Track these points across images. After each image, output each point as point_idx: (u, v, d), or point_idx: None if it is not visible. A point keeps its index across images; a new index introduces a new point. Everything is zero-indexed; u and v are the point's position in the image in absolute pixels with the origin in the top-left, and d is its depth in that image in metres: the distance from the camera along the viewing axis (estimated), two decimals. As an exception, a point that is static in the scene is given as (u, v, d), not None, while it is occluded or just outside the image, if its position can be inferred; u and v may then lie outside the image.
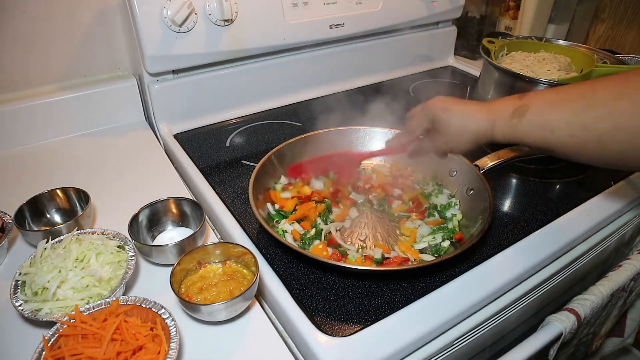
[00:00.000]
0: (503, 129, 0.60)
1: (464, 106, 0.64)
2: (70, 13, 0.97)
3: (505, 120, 0.60)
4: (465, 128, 0.63)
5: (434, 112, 0.66)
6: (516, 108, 0.59)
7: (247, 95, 1.11)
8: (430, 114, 0.67)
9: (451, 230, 0.74)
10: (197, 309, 0.57)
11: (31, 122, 0.98)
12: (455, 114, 0.64)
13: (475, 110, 0.63)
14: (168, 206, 0.74)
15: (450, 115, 0.64)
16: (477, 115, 0.62)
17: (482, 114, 0.62)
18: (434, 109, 0.66)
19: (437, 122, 0.66)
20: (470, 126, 0.63)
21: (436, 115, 0.66)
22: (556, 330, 0.70)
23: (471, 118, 0.63)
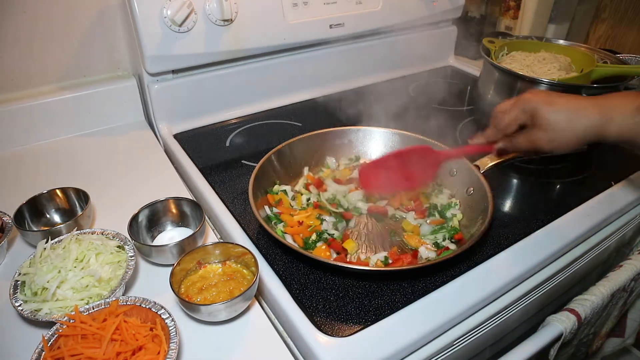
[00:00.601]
0: (622, 125, 0.55)
1: (571, 100, 0.59)
2: (70, 13, 0.97)
3: (627, 117, 0.55)
4: (574, 124, 0.57)
5: (535, 106, 0.60)
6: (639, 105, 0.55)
7: (247, 95, 1.11)
8: (530, 107, 0.61)
9: (452, 229, 0.74)
10: (197, 309, 0.57)
11: (31, 122, 0.98)
12: (561, 108, 0.58)
13: (584, 105, 0.58)
14: (168, 206, 0.74)
15: (556, 109, 0.58)
16: (588, 111, 0.57)
17: (594, 109, 0.57)
18: (534, 102, 0.60)
19: (539, 117, 0.60)
20: (580, 122, 0.57)
21: (538, 109, 0.60)
22: (557, 331, 0.70)
23: (581, 113, 0.57)
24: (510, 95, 0.94)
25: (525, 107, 0.61)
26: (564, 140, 0.59)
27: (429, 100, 1.19)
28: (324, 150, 0.90)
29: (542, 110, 0.59)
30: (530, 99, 0.61)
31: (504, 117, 0.64)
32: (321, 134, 0.89)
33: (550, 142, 0.60)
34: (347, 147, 0.92)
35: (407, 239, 0.73)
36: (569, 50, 1.05)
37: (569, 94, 0.60)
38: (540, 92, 0.61)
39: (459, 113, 1.14)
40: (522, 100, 0.62)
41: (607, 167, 0.92)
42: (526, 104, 0.61)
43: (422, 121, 1.07)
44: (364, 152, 0.92)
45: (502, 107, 0.65)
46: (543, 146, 0.61)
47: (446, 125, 1.07)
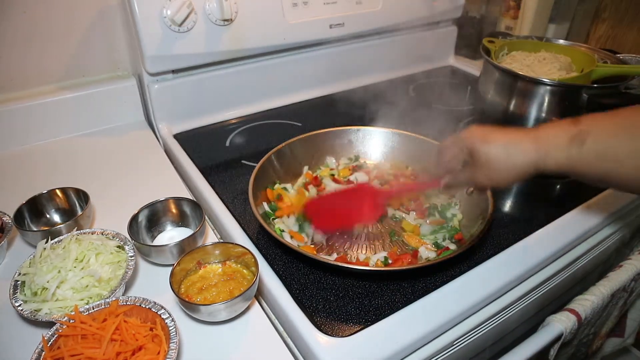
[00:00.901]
0: (558, 159, 0.55)
1: (506, 136, 0.58)
2: (69, 13, 0.97)
3: (562, 150, 0.54)
4: (511, 161, 0.57)
5: (472, 144, 0.60)
6: (573, 135, 0.54)
7: (247, 95, 1.11)
8: (467, 146, 0.61)
9: (452, 229, 0.74)
10: (197, 309, 0.57)
11: (31, 122, 0.98)
12: (497, 145, 0.58)
13: (520, 139, 0.57)
14: (168, 206, 0.74)
15: (492, 147, 0.58)
16: (523, 146, 0.57)
17: (529, 143, 0.56)
18: (470, 140, 0.61)
19: (477, 155, 0.60)
20: (517, 158, 0.57)
21: (475, 148, 0.60)
22: (556, 331, 0.70)
23: (517, 149, 0.57)
24: (510, 95, 0.94)
25: (463, 145, 0.62)
26: (503, 176, 0.59)
27: (429, 100, 1.18)
28: (324, 150, 0.90)
29: (478, 148, 0.59)
30: (467, 137, 0.61)
31: (445, 155, 0.66)
32: (321, 134, 0.89)
33: (489, 179, 0.60)
34: (347, 147, 0.92)
35: (407, 239, 0.73)
36: (569, 50, 1.04)
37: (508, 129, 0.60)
38: (477, 129, 0.61)
39: (459, 113, 1.14)
40: (460, 138, 0.62)
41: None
42: (464, 142, 0.62)
43: (422, 121, 1.07)
44: (364, 152, 0.92)
45: (444, 144, 0.66)
46: (483, 182, 0.62)
47: (446, 125, 1.07)
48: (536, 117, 0.91)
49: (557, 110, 0.90)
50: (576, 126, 0.55)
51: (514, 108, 0.94)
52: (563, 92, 0.89)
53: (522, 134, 0.58)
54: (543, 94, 0.90)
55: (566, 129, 0.55)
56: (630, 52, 1.41)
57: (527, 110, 0.92)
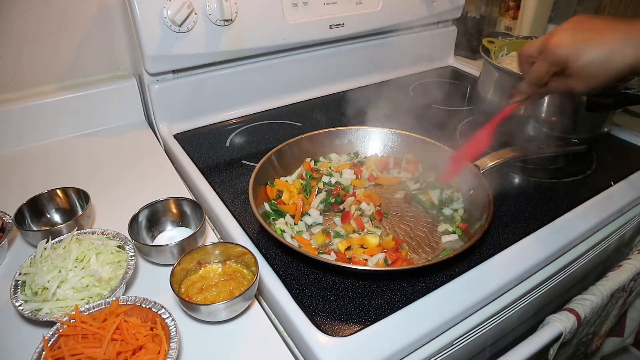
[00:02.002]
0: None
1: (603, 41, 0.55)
2: (70, 13, 0.97)
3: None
4: (609, 68, 0.55)
5: (564, 57, 0.57)
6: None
7: (247, 95, 1.11)
8: (560, 59, 0.58)
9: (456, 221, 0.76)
10: (197, 309, 0.57)
11: (31, 122, 0.98)
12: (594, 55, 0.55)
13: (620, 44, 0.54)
14: (168, 206, 0.74)
15: (588, 58, 0.56)
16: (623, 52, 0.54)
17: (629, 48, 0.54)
18: (564, 53, 0.58)
19: (572, 68, 0.57)
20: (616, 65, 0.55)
21: (569, 61, 0.57)
22: (556, 330, 0.70)
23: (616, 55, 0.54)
24: (510, 95, 0.94)
25: (554, 59, 0.59)
26: (601, 81, 0.58)
27: (429, 100, 1.19)
28: (324, 150, 0.91)
29: (574, 61, 0.57)
30: (558, 51, 0.58)
31: (534, 71, 0.62)
32: (321, 134, 0.89)
33: (587, 85, 0.59)
34: (347, 147, 0.92)
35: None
36: (568, 50, 1.04)
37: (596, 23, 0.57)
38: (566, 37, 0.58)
39: (458, 113, 1.14)
40: (549, 50, 0.59)
41: (607, 167, 0.92)
42: (554, 56, 0.59)
43: (421, 121, 1.07)
44: (364, 152, 0.92)
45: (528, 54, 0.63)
46: (580, 89, 0.61)
47: (446, 125, 1.07)
48: (535, 117, 0.91)
49: (556, 110, 0.90)
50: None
51: (513, 108, 0.94)
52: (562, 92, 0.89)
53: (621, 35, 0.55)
54: (543, 94, 0.90)
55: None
56: (630, 52, 1.41)
57: (526, 110, 0.92)
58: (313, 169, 0.86)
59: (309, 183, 0.81)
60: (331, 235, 0.73)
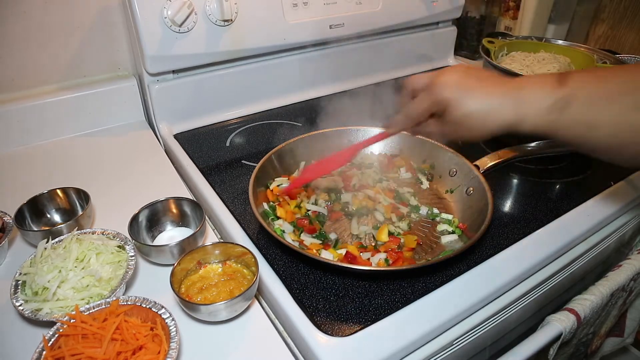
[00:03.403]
0: (537, 122, 0.52)
1: (484, 91, 0.54)
2: (70, 13, 0.97)
3: (541, 114, 0.52)
4: (488, 121, 0.54)
5: (447, 99, 0.55)
6: (556, 100, 0.51)
7: (247, 95, 1.11)
8: (443, 100, 0.56)
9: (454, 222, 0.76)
10: (197, 309, 0.57)
11: (31, 122, 0.98)
12: (474, 103, 0.54)
13: (500, 100, 0.53)
14: (168, 206, 0.74)
15: (469, 105, 0.54)
16: (503, 108, 0.53)
17: (509, 103, 0.53)
18: (445, 93, 0.56)
19: (451, 112, 0.56)
20: (495, 119, 0.53)
21: (451, 105, 0.55)
22: (556, 330, 0.70)
23: (496, 108, 0.53)
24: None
25: (438, 98, 0.57)
26: (476, 135, 0.56)
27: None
28: (324, 150, 0.90)
29: (455, 107, 0.55)
30: (443, 91, 0.56)
31: (415, 105, 0.60)
32: (321, 134, 0.89)
33: (461, 137, 0.58)
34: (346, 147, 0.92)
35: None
36: (568, 50, 1.05)
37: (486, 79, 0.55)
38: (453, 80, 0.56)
39: (458, 113, 1.14)
40: (434, 89, 0.57)
41: (607, 167, 0.92)
42: (439, 95, 0.57)
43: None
44: (364, 152, 0.92)
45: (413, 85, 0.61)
46: (454, 139, 0.60)
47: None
48: (536, 117, 0.91)
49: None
50: (562, 87, 0.51)
51: (513, 108, 0.94)
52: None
53: (503, 89, 0.54)
54: (542, 94, 0.90)
55: (550, 91, 0.52)
56: (630, 52, 1.41)
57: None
58: None
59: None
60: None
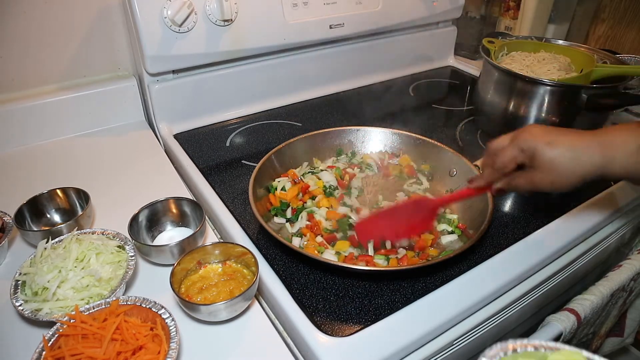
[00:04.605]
0: (625, 164, 0.54)
1: (571, 138, 0.56)
2: (70, 13, 0.97)
3: (630, 156, 0.54)
4: (577, 165, 0.55)
5: (534, 147, 0.57)
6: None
7: (247, 95, 1.11)
8: (529, 147, 0.57)
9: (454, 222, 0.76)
10: (197, 309, 0.57)
11: (31, 122, 0.98)
12: (563, 149, 0.55)
13: (587, 143, 0.55)
14: (168, 206, 0.74)
15: (557, 150, 0.55)
16: (591, 150, 0.55)
17: (596, 148, 0.55)
18: (532, 142, 0.57)
19: (539, 159, 0.57)
20: (583, 163, 0.55)
21: (538, 151, 0.56)
22: (556, 330, 0.70)
23: (584, 153, 0.55)
24: (510, 96, 0.94)
25: (524, 146, 0.58)
26: (566, 181, 0.57)
27: (429, 100, 1.19)
28: (324, 150, 0.91)
29: (542, 151, 0.56)
30: (529, 139, 0.58)
31: (500, 156, 0.61)
32: (321, 134, 0.89)
33: (552, 183, 0.58)
34: (347, 147, 0.92)
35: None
36: (568, 50, 1.05)
37: (568, 129, 0.58)
38: (538, 130, 0.58)
39: (458, 113, 1.15)
40: (520, 139, 0.59)
41: None
42: (525, 143, 0.58)
43: (421, 121, 1.07)
44: (364, 152, 0.92)
45: (497, 145, 0.62)
46: (545, 187, 0.59)
47: (446, 125, 1.07)
48: (536, 117, 0.91)
49: (556, 110, 0.91)
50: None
51: (513, 108, 0.94)
52: (562, 92, 0.89)
53: (589, 137, 0.56)
54: (542, 94, 0.90)
55: (635, 134, 0.54)
56: (630, 52, 1.41)
57: (526, 110, 0.92)
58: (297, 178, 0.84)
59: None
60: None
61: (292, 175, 0.83)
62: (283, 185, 0.81)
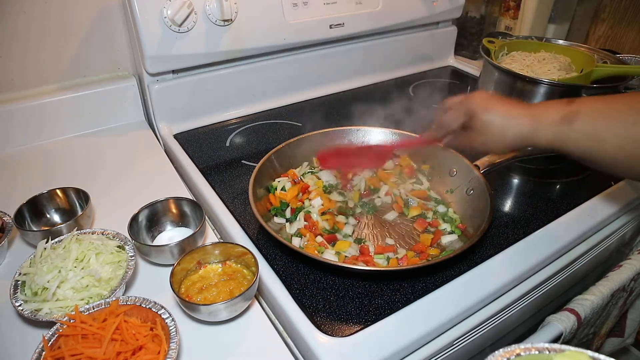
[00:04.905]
0: (548, 134, 0.58)
1: (506, 107, 0.62)
2: (70, 13, 0.97)
3: (552, 126, 0.58)
4: (506, 131, 0.61)
5: (473, 109, 0.64)
6: (565, 114, 0.57)
7: (247, 95, 1.11)
8: (469, 110, 0.64)
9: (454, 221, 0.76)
10: (197, 309, 0.57)
11: (31, 122, 0.98)
12: (496, 114, 0.62)
13: (518, 112, 0.61)
14: (168, 206, 0.74)
15: (491, 115, 0.62)
16: (520, 119, 0.60)
17: (525, 117, 0.60)
18: (473, 105, 0.64)
19: (476, 121, 0.64)
20: (512, 129, 0.61)
21: (475, 113, 0.63)
22: (556, 330, 0.70)
23: (514, 121, 0.60)
24: (510, 96, 0.94)
25: (466, 109, 0.65)
26: (497, 144, 0.63)
27: (429, 100, 1.19)
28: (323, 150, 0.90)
29: (479, 114, 0.63)
30: (471, 102, 0.64)
31: (447, 115, 0.68)
32: (321, 134, 0.89)
33: (484, 144, 0.65)
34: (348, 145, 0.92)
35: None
36: (568, 50, 1.05)
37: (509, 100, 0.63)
38: (482, 96, 0.64)
39: (458, 113, 1.14)
40: (465, 101, 0.65)
41: (607, 167, 0.92)
42: (467, 106, 0.65)
43: (421, 121, 1.07)
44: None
45: (448, 104, 0.69)
46: (478, 147, 0.66)
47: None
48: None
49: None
50: (569, 106, 0.58)
51: (513, 108, 0.94)
52: (562, 92, 0.89)
53: (521, 107, 0.61)
54: (542, 94, 0.90)
55: (559, 108, 0.58)
56: (630, 52, 1.41)
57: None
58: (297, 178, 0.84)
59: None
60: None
61: (292, 175, 0.83)
62: (283, 185, 0.81)
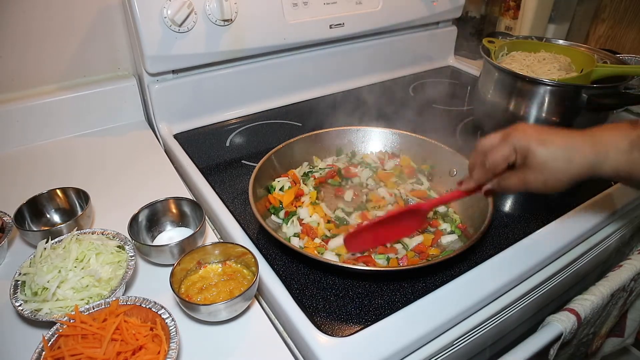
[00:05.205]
0: (617, 163, 0.54)
1: (564, 138, 0.55)
2: (70, 13, 0.97)
3: (622, 153, 0.53)
4: (570, 165, 0.54)
5: (525, 146, 0.55)
6: (633, 139, 0.53)
7: (247, 95, 1.11)
8: (522, 147, 0.56)
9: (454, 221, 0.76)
10: (197, 309, 0.57)
11: (31, 122, 0.98)
12: (556, 148, 0.54)
13: (579, 142, 0.55)
14: (168, 206, 0.74)
15: (550, 150, 0.54)
16: (583, 150, 0.54)
17: (588, 146, 0.54)
18: (523, 141, 0.55)
19: (532, 158, 0.55)
20: (576, 162, 0.54)
21: (531, 150, 0.55)
22: (556, 331, 0.70)
23: (577, 152, 0.54)
24: (510, 96, 0.94)
25: (517, 145, 0.56)
26: (559, 181, 0.56)
27: (429, 100, 1.19)
28: (324, 150, 0.91)
29: (536, 150, 0.55)
30: (522, 137, 0.56)
31: (492, 155, 0.58)
32: (321, 134, 0.89)
33: (544, 183, 0.56)
34: (347, 147, 0.92)
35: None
36: (568, 50, 1.04)
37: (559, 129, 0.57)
38: (530, 129, 0.57)
39: (459, 113, 1.14)
40: (512, 137, 0.57)
41: None
42: (518, 142, 0.56)
43: (421, 121, 1.07)
44: (364, 152, 0.92)
45: (488, 144, 0.59)
46: (537, 188, 0.57)
47: (446, 125, 1.07)
48: (536, 117, 0.91)
49: (556, 110, 0.90)
50: (635, 130, 0.53)
51: (513, 108, 0.94)
52: (563, 92, 0.89)
53: (581, 136, 0.55)
54: (543, 94, 0.90)
55: (626, 133, 0.54)
56: (630, 52, 1.41)
57: (526, 110, 0.92)
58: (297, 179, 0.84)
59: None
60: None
61: (292, 176, 0.83)
62: (282, 185, 0.81)
